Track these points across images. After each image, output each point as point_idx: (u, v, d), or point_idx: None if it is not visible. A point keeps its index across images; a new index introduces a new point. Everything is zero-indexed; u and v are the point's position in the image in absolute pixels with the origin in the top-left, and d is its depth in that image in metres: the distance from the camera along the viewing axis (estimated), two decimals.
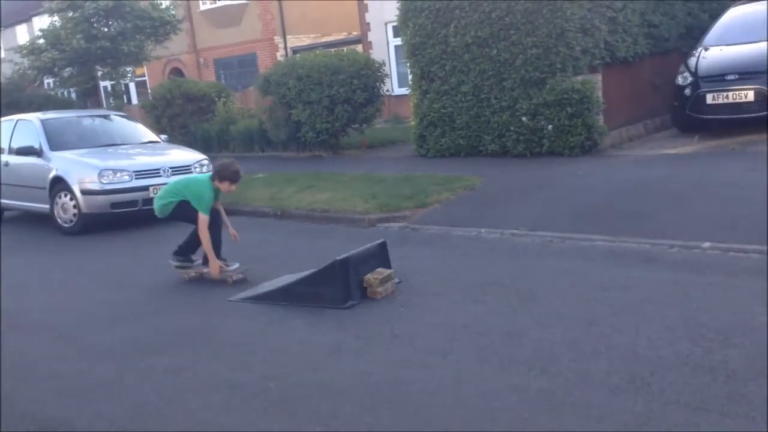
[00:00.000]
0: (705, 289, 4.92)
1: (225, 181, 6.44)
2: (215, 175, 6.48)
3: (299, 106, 13.64)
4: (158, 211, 6.64)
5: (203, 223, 6.36)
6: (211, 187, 6.47)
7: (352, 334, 4.82)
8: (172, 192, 6.59)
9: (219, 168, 6.50)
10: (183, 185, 6.61)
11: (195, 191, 6.42)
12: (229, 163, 6.53)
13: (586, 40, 10.40)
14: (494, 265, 6.13)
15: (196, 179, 6.75)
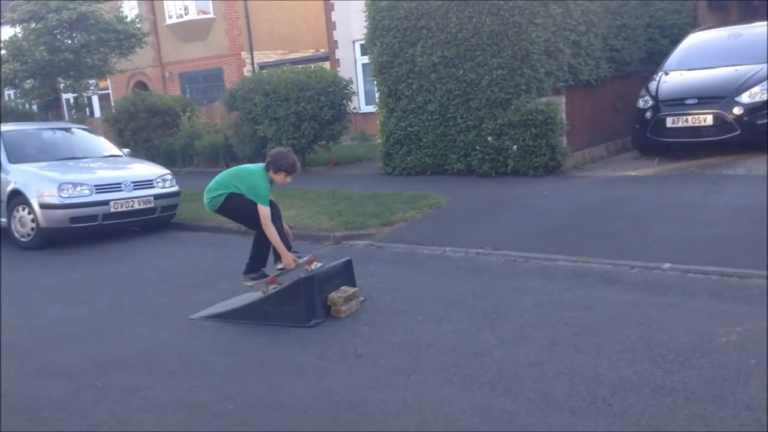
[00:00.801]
0: (665, 310, 4.99)
1: (281, 172, 5.81)
2: (270, 165, 5.82)
3: (265, 122, 13.58)
4: (207, 204, 6.02)
5: (265, 216, 5.72)
6: (266, 177, 5.85)
7: (315, 353, 4.76)
8: (223, 183, 5.94)
9: (275, 157, 5.83)
10: (234, 176, 5.94)
11: (249, 183, 5.78)
12: (285, 153, 5.89)
13: (550, 63, 10.58)
14: (459, 284, 6.14)
15: (248, 170, 6.00)
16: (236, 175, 5.96)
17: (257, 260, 6.16)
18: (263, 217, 5.71)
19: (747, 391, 3.66)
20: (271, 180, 5.87)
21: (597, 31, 11.44)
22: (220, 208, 5.97)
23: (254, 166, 6.05)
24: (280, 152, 5.87)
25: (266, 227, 5.75)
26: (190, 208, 10.77)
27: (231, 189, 5.85)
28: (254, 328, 5.37)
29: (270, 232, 5.76)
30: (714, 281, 5.54)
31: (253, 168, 6.00)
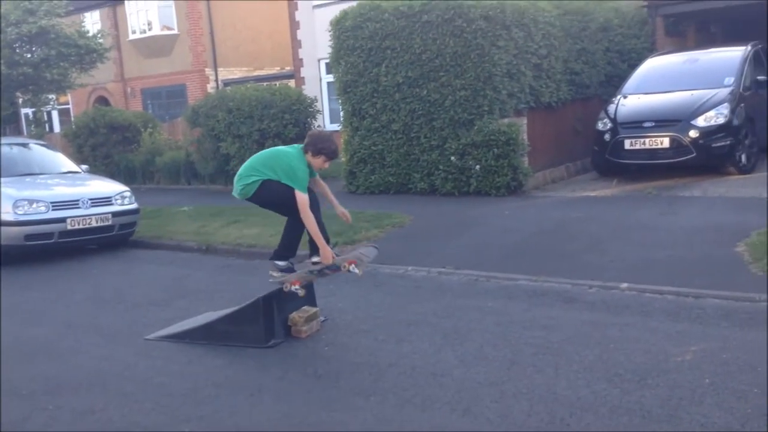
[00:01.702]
0: (622, 330, 5.05)
1: (320, 155, 5.28)
2: (309, 147, 5.29)
3: (228, 139, 13.49)
4: (238, 193, 5.46)
5: (303, 202, 5.16)
6: (304, 160, 5.30)
7: (274, 374, 4.70)
8: (256, 168, 5.35)
9: (315, 139, 5.33)
10: (269, 158, 5.37)
11: (285, 166, 5.22)
12: (328, 135, 5.43)
13: (512, 85, 10.74)
14: (420, 304, 6.14)
15: (283, 151, 5.41)
16: (271, 156, 5.39)
17: (287, 248, 5.65)
18: (301, 204, 5.15)
19: (702, 411, 3.71)
20: (308, 163, 5.33)
21: (558, 55, 11.66)
22: (254, 196, 5.40)
23: (290, 148, 5.48)
24: (322, 134, 5.39)
25: (305, 215, 5.18)
26: (149, 225, 10.63)
27: (266, 174, 5.29)
28: (212, 349, 5.28)
29: (308, 221, 5.21)
30: (670, 301, 5.63)
31: (290, 150, 5.42)
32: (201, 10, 23.80)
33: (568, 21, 11.95)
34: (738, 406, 3.73)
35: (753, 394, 3.86)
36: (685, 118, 10.05)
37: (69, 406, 4.39)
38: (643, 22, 14.30)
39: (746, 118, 10.29)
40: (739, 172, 10.18)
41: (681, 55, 12.03)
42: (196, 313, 6.10)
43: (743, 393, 3.88)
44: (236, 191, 5.50)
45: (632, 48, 13.72)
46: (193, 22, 23.78)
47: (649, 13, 14.43)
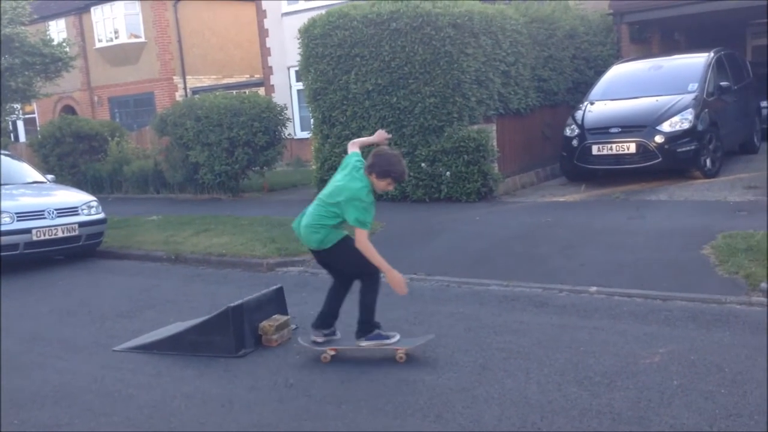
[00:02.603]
0: (592, 333, 5.09)
1: (387, 177, 4.77)
2: (375, 168, 4.73)
3: (197, 147, 13.37)
4: (314, 242, 4.85)
5: (364, 238, 4.71)
6: (370, 187, 4.79)
7: (244, 384, 4.65)
8: (325, 215, 4.78)
9: (383, 160, 4.75)
10: (336, 195, 4.75)
11: (356, 202, 4.67)
12: (396, 158, 4.84)
13: (481, 92, 10.82)
14: (392, 310, 6.10)
15: (350, 186, 4.73)
16: (340, 193, 4.76)
17: (334, 311, 5.16)
18: (361, 240, 4.70)
19: (671, 412, 3.75)
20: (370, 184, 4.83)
21: (525, 62, 11.78)
22: (331, 250, 4.87)
23: (356, 177, 4.79)
24: (389, 156, 4.81)
25: (364, 246, 4.71)
26: (117, 235, 10.47)
27: (336, 219, 4.78)
28: (181, 360, 5.20)
29: (369, 251, 4.72)
30: (638, 304, 5.70)
31: (356, 182, 4.76)
32: (168, 18, 23.62)
33: (535, 29, 12.09)
34: (706, 407, 3.78)
35: (720, 394, 3.92)
36: (651, 124, 10.20)
37: (34, 421, 4.30)
38: (608, 29, 14.53)
39: (710, 123, 10.49)
40: (704, 176, 10.36)
41: (646, 61, 12.23)
42: (165, 323, 6.02)
43: (711, 393, 3.93)
44: (308, 239, 4.89)
45: (598, 55, 13.93)
46: (161, 30, 23.57)
47: (615, 20, 14.67)
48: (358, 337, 4.97)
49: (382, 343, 4.92)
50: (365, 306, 4.95)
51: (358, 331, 4.98)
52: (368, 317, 4.96)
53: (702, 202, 8.93)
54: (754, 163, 11.39)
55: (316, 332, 5.09)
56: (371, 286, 4.95)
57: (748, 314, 5.25)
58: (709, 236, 7.11)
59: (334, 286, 5.16)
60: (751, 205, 8.45)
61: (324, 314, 5.11)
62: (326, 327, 5.10)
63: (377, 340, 4.94)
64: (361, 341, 4.95)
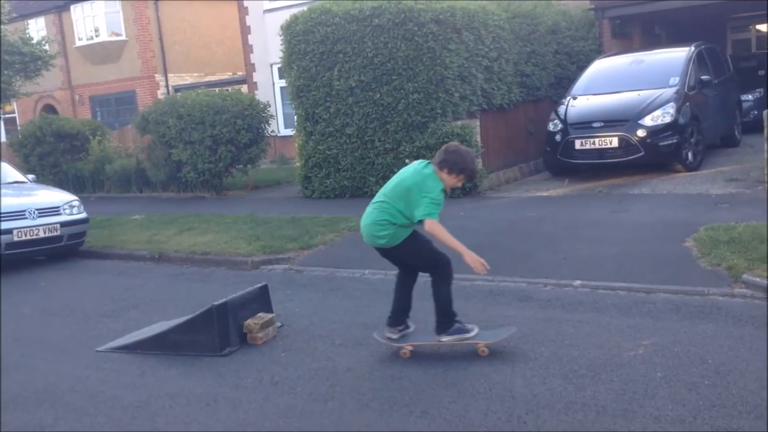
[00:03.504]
0: (576, 326, 5.11)
1: (460, 174, 4.66)
2: (447, 164, 4.61)
3: (180, 145, 13.28)
4: (381, 242, 4.73)
5: (434, 223, 4.56)
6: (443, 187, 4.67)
7: (229, 383, 4.62)
8: (393, 212, 4.63)
9: (457, 157, 4.63)
10: (406, 192, 4.62)
11: (429, 193, 4.55)
12: (468, 154, 4.73)
13: (465, 87, 10.83)
14: (377, 307, 6.10)
15: (429, 186, 4.59)
16: (409, 190, 4.62)
17: (405, 306, 4.98)
18: (433, 227, 4.55)
19: (655, 404, 3.78)
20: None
21: (508, 57, 11.81)
22: (399, 247, 4.75)
23: (424, 172, 4.67)
24: (462, 152, 4.69)
25: (437, 230, 4.56)
26: (99, 235, 10.38)
27: (402, 218, 4.65)
28: (165, 359, 5.16)
29: (442, 233, 4.58)
30: (622, 297, 5.73)
31: (425, 177, 4.64)
32: (149, 15, 23.41)
33: (517, 24, 12.12)
34: (690, 398, 3.81)
35: (704, 385, 3.95)
36: (633, 118, 10.27)
37: (18, 423, 4.25)
38: (590, 24, 14.60)
39: (691, 117, 10.57)
40: (686, 170, 10.45)
41: (627, 56, 12.30)
42: (149, 323, 5.98)
43: (695, 385, 3.96)
44: (373, 236, 4.74)
45: (580, 50, 13.99)
46: (142, 27, 23.37)
47: (596, 15, 14.74)
48: (439, 333, 4.78)
49: (462, 338, 4.74)
50: (441, 299, 4.78)
51: (437, 326, 4.79)
52: (446, 311, 4.77)
53: (684, 195, 9.00)
54: (735, 156, 11.50)
55: (390, 330, 4.91)
56: (443, 277, 4.80)
57: (730, 306, 5.29)
58: (691, 229, 7.16)
59: (401, 280, 4.98)
60: (733, 197, 8.53)
61: (396, 311, 4.94)
62: (400, 323, 4.94)
63: (458, 334, 4.75)
64: (441, 336, 4.77)
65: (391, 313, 4.97)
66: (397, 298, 4.98)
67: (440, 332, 4.79)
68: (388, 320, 4.96)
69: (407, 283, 4.98)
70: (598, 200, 9.36)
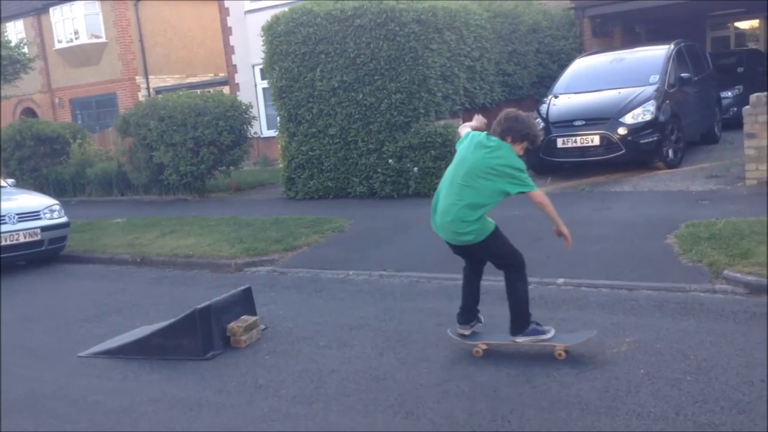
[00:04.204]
0: (559, 324, 5.10)
1: (523, 141, 4.38)
2: (509, 133, 4.32)
3: (161, 147, 13.19)
4: (468, 238, 4.49)
5: (540, 194, 4.47)
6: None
7: (213, 387, 4.59)
8: (477, 203, 4.36)
9: (516, 123, 4.33)
10: (485, 173, 4.30)
11: (513, 164, 4.30)
12: (529, 119, 4.44)
13: (447, 87, 10.85)
14: (362, 308, 6.11)
15: (499, 155, 4.30)
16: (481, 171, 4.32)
17: (474, 300, 4.82)
18: (539, 197, 4.44)
19: (638, 401, 3.80)
20: None
21: (490, 57, 11.85)
22: (481, 244, 4.52)
23: (492, 146, 4.35)
24: (521, 118, 4.37)
25: (542, 201, 4.49)
26: (81, 239, 10.28)
27: (487, 203, 4.43)
28: (148, 364, 5.12)
29: (550, 207, 4.52)
30: (605, 294, 5.76)
31: (501, 150, 4.32)
32: (129, 17, 23.24)
33: (498, 23, 12.16)
34: (672, 394, 3.83)
35: (686, 381, 3.97)
36: (614, 116, 10.32)
37: None
38: (570, 23, 14.69)
39: (672, 115, 10.64)
40: (667, 167, 10.52)
41: (608, 54, 12.36)
42: (131, 327, 5.93)
43: (677, 381, 3.99)
44: (462, 239, 4.51)
45: (561, 49, 14.06)
46: (122, 29, 23.18)
47: (577, 14, 14.83)
48: (514, 333, 4.60)
49: (538, 339, 4.55)
50: (518, 298, 4.59)
51: (512, 327, 4.60)
52: (522, 310, 4.58)
53: (665, 192, 9.07)
54: (715, 153, 11.60)
55: (462, 327, 4.77)
56: (520, 275, 4.62)
57: (712, 302, 5.33)
58: (672, 226, 7.22)
59: (468, 276, 4.81)
60: (713, 194, 8.60)
61: (466, 307, 4.78)
62: (471, 319, 4.79)
63: (534, 335, 4.56)
64: (517, 337, 4.59)
65: (460, 309, 4.81)
66: (465, 293, 4.82)
67: (515, 333, 4.60)
68: (458, 317, 4.80)
69: (474, 278, 4.81)
70: (580, 198, 9.40)
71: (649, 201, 8.68)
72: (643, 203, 8.59)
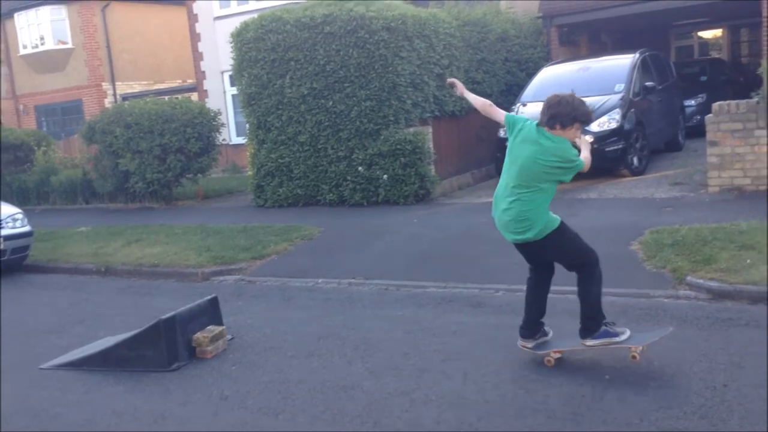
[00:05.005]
0: None
1: (574, 124, 4.21)
2: (558, 119, 4.19)
3: (128, 155, 13.01)
4: (531, 235, 4.32)
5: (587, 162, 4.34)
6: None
7: (177, 399, 4.52)
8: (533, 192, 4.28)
9: (563, 107, 4.18)
10: (543, 166, 4.22)
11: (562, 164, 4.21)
12: (574, 99, 4.25)
13: (417, 95, 10.88)
14: (331, 316, 6.08)
15: (553, 148, 4.21)
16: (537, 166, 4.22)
17: (539, 311, 4.59)
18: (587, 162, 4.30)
19: (603, 407, 3.83)
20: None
21: (459, 65, 11.91)
22: (545, 240, 4.34)
23: (544, 139, 4.24)
24: (565, 100, 4.22)
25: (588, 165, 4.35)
26: (44, 248, 10.07)
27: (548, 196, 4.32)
28: (111, 376, 5.03)
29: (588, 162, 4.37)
30: (571, 300, 5.75)
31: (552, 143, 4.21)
32: (97, 23, 22.95)
33: (467, 32, 12.24)
34: (636, 400, 3.87)
35: (650, 387, 4.02)
36: None
37: None
38: (538, 32, 14.84)
39: (637, 123, 10.81)
40: (632, 174, 10.67)
41: (574, 63, 12.52)
42: (95, 338, 5.82)
43: (641, 387, 4.03)
44: (525, 236, 4.33)
45: (529, 57, 14.20)
46: (89, 35, 22.88)
47: (544, 23, 14.99)
48: (584, 336, 4.37)
49: (611, 341, 4.30)
50: (589, 300, 4.36)
51: (582, 329, 4.38)
52: (594, 312, 4.35)
53: (630, 199, 9.19)
54: (679, 160, 11.80)
55: (524, 341, 4.55)
56: (592, 275, 4.40)
57: (675, 307, 5.41)
58: (637, 232, 7.31)
59: (533, 287, 4.57)
60: (677, 201, 8.74)
61: (529, 321, 4.54)
62: (535, 333, 4.54)
63: (605, 338, 4.31)
64: (587, 340, 4.36)
65: (523, 323, 4.57)
66: (529, 307, 4.56)
67: (585, 336, 4.38)
68: (521, 331, 4.56)
69: (540, 292, 4.58)
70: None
71: (614, 208, 8.80)
72: (608, 210, 8.70)
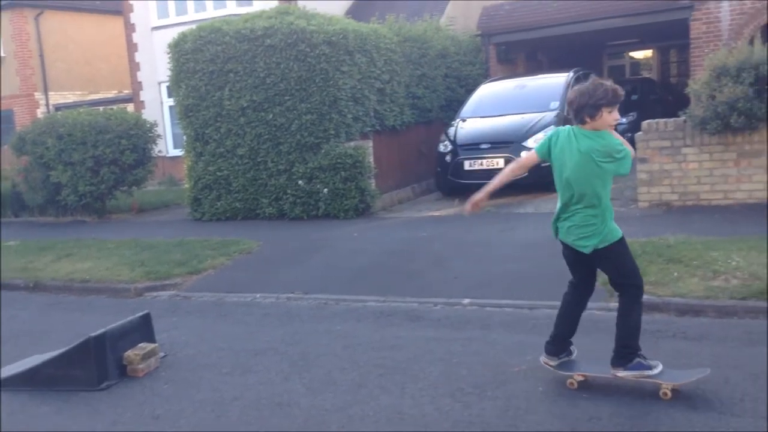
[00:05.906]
0: (464, 344, 5.20)
1: (601, 109, 3.92)
2: (585, 111, 3.96)
3: (59, 166, 12.61)
4: (592, 245, 4.08)
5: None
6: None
7: (107, 419, 4.37)
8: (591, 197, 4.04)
9: (582, 98, 3.95)
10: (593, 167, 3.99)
11: (611, 158, 3.96)
12: (590, 85, 4.00)
13: (358, 109, 10.91)
14: (268, 331, 6.00)
15: (596, 148, 3.97)
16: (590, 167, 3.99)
17: (570, 327, 4.36)
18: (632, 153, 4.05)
19: (536, 419, 3.88)
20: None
21: (400, 80, 12.02)
22: (606, 250, 4.08)
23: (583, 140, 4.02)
24: (584, 89, 3.98)
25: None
26: None
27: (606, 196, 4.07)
28: (38, 396, 4.82)
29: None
30: (508, 313, 5.89)
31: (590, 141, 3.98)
32: (30, 31, 22.24)
33: (408, 47, 12.37)
34: (568, 412, 3.94)
35: (582, 398, 4.09)
36: (517, 140, 10.65)
37: None
38: (477, 50, 15.12)
39: None
40: None
41: (512, 81, 12.80)
42: (22, 357, 5.57)
43: (573, 398, 4.10)
44: (585, 247, 4.12)
45: (468, 74, 14.44)
46: (21, 43, 22.15)
47: (483, 41, 15.29)
48: (616, 365, 4.12)
49: (643, 374, 4.04)
50: (629, 326, 4.09)
51: (615, 357, 4.12)
52: (630, 341, 4.08)
53: None
54: None
55: (548, 357, 4.35)
56: (636, 299, 4.11)
57: (607, 320, 5.50)
58: None
59: (570, 303, 4.36)
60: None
61: (558, 337, 4.33)
62: (562, 351, 4.34)
63: (638, 370, 4.05)
64: (618, 370, 4.10)
65: (551, 338, 4.37)
66: (561, 322, 4.35)
67: (617, 365, 4.12)
68: (546, 346, 4.38)
69: (576, 309, 4.37)
70: (486, 219, 9.61)
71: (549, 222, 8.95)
72: (545, 224, 8.78)
